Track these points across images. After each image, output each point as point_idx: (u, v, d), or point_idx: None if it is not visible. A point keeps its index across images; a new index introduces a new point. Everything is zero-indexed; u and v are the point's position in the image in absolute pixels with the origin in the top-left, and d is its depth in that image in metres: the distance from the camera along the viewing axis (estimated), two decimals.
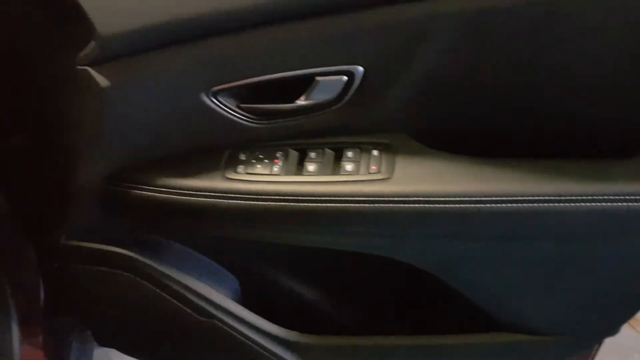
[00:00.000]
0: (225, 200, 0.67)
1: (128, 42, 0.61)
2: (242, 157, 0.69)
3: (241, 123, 0.68)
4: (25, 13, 0.69)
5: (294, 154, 0.69)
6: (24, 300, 0.99)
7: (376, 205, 0.63)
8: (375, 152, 0.66)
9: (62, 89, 0.70)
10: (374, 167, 0.65)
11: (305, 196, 0.65)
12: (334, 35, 0.62)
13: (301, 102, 0.66)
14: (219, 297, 0.80)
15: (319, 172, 0.66)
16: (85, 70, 0.63)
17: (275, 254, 0.85)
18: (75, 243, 0.82)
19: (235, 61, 0.64)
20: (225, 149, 0.71)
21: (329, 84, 0.65)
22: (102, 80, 0.63)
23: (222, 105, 0.66)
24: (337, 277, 0.86)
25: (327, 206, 0.64)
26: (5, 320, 0.97)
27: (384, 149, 0.66)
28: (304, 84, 0.66)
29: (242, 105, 0.67)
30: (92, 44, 0.61)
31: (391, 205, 0.62)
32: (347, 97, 0.65)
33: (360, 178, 0.65)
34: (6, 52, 0.73)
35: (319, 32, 0.62)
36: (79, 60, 0.63)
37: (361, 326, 0.88)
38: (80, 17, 0.60)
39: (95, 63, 0.63)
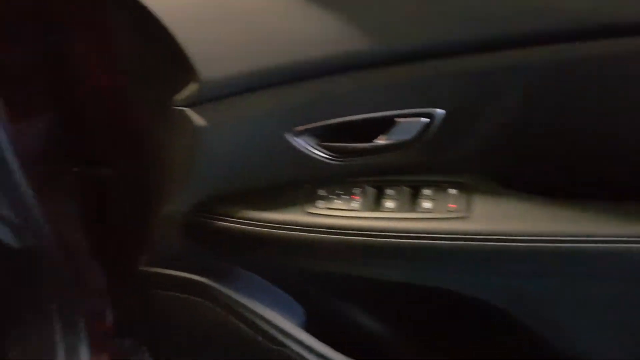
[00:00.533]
0: (307, 234, 0.71)
1: (225, 86, 0.66)
2: (321, 192, 0.73)
3: (321, 160, 0.71)
4: (130, 51, 0.74)
5: (371, 191, 0.72)
6: (93, 322, 1.03)
7: (455, 242, 0.65)
8: (452, 191, 0.69)
9: (155, 126, 0.75)
10: (452, 205, 0.68)
11: (385, 232, 0.68)
12: (415, 80, 0.66)
13: (380, 141, 0.70)
14: (289, 325, 0.83)
15: (397, 209, 0.69)
16: (182, 110, 0.68)
17: (342, 285, 0.88)
18: (154, 270, 0.86)
19: (319, 104, 0.68)
20: (304, 184, 0.74)
21: (408, 124, 0.68)
22: (198, 121, 0.67)
23: (304, 144, 0.70)
24: (404, 310, 0.88)
25: (406, 242, 0.67)
26: (75, 341, 1.01)
27: (462, 188, 0.69)
28: (383, 123, 0.69)
29: (322, 143, 0.71)
30: (192, 86, 0.66)
31: (470, 243, 0.65)
32: (425, 138, 0.68)
33: (439, 216, 0.67)
34: (106, 87, 0.79)
35: (402, 77, 0.66)
36: (176, 101, 0.68)
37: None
38: (181, 60, 0.65)
39: (192, 104, 0.67)
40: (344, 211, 0.71)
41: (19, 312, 1.05)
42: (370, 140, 0.70)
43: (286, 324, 0.83)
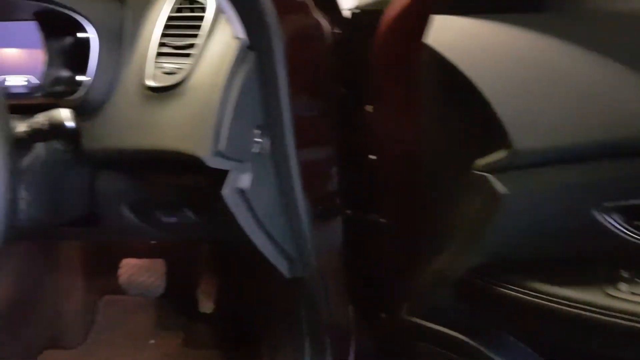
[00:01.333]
0: (604, 317, 0.66)
1: (536, 156, 0.64)
2: (625, 274, 0.67)
3: (630, 240, 0.65)
4: (435, 111, 0.76)
5: None
6: (336, 351, 1.08)
7: None
8: None
9: (446, 185, 0.75)
10: None
11: None
12: None
13: None
14: None
15: None
16: (484, 176, 0.67)
17: None
18: (416, 320, 0.87)
19: (636, 181, 0.63)
20: (602, 262, 0.69)
21: None
22: (499, 188, 0.66)
23: (612, 221, 0.65)
24: None
25: None
26: None
27: None
28: None
29: (633, 222, 0.65)
30: (500, 153, 0.65)
31: None
32: None
33: None
34: (399, 139, 0.82)
35: None
36: (478, 165, 0.68)
37: None
38: (492, 127, 0.65)
39: (495, 171, 0.66)
40: None
41: (275, 325, 1.14)
42: None
43: None
